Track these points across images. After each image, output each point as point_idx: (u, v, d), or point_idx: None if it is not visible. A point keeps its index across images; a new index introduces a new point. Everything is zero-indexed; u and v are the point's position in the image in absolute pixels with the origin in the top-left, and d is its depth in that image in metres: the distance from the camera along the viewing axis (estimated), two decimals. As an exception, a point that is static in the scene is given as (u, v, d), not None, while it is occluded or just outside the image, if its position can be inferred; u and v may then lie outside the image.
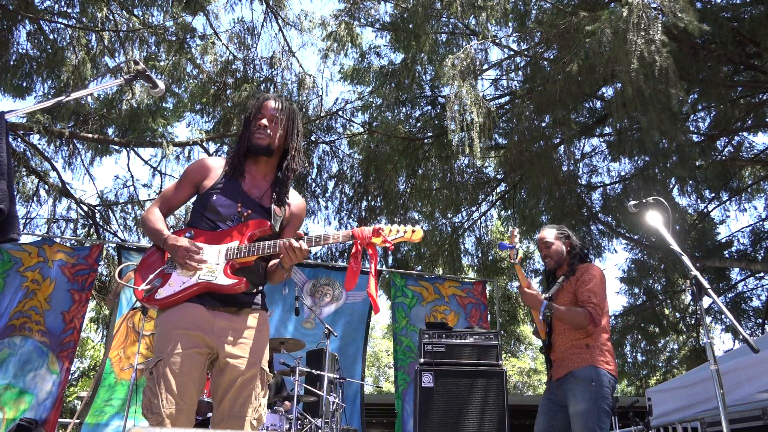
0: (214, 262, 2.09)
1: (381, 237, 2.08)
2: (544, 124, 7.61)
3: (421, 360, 4.81)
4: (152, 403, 1.93)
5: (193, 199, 2.32)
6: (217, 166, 2.29)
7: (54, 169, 8.85)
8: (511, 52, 8.08)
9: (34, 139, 8.45)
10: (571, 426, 2.88)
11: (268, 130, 2.24)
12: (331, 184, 9.30)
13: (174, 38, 8.09)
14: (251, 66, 8.57)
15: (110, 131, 8.68)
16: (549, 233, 3.26)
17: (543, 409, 3.11)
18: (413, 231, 2.14)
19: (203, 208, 2.20)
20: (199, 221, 2.20)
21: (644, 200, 2.72)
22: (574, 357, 2.96)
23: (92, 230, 9.37)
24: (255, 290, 2.21)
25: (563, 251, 3.21)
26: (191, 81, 8.50)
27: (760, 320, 10.05)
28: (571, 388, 2.92)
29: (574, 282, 3.08)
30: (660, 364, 12.28)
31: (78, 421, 5.33)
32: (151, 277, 2.11)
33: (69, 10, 7.65)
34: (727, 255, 9.66)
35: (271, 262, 2.30)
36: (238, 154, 2.27)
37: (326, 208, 9.26)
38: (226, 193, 2.20)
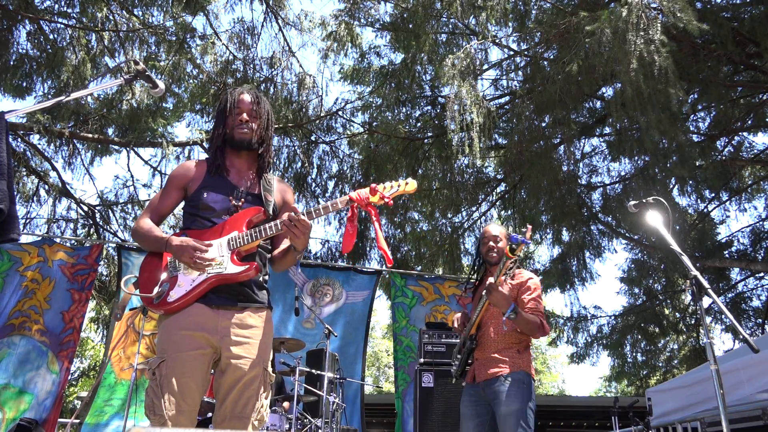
0: (218, 255, 2.09)
1: (378, 194, 2.10)
2: (544, 124, 7.61)
3: (421, 360, 4.81)
4: (154, 404, 1.93)
5: (182, 204, 2.33)
6: (198, 166, 2.31)
7: (54, 169, 8.85)
8: (511, 52, 8.09)
9: (34, 139, 8.45)
10: (502, 425, 2.89)
11: (251, 124, 2.27)
12: (331, 184, 9.31)
13: (174, 38, 8.08)
14: (251, 66, 8.57)
15: (110, 131, 8.67)
16: (499, 230, 3.31)
17: (469, 412, 3.07)
18: (407, 183, 2.18)
19: (196, 209, 2.20)
20: (192, 222, 2.20)
21: (644, 200, 2.73)
22: (509, 360, 3.01)
23: (92, 230, 9.37)
24: (262, 278, 2.22)
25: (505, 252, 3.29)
26: (191, 81, 8.49)
27: (760, 320, 10.05)
28: (505, 389, 2.93)
29: (516, 286, 3.14)
30: (660, 364, 12.28)
31: (78, 421, 5.33)
32: (162, 278, 2.10)
33: (69, 10, 7.64)
34: (727, 255, 9.66)
35: (278, 249, 2.31)
36: (217, 149, 2.29)
37: (326, 208, 9.26)
38: (216, 189, 2.22)
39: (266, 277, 2.27)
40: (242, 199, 2.23)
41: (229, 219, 2.17)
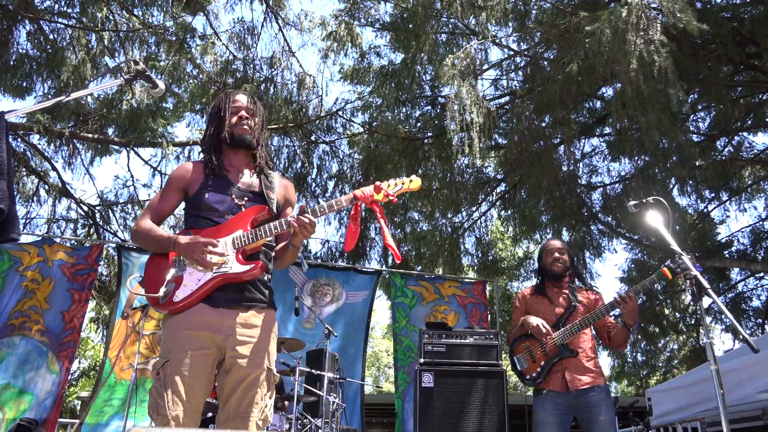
0: (224, 255, 2.09)
1: (382, 192, 2.13)
2: (544, 124, 7.61)
3: (421, 360, 4.80)
4: (158, 405, 1.91)
5: (182, 205, 2.32)
6: (196, 167, 2.29)
7: (54, 169, 8.85)
8: (511, 52, 8.08)
9: (34, 139, 8.44)
10: (601, 431, 3.04)
11: (250, 122, 2.28)
12: (331, 184, 9.31)
13: (174, 38, 8.07)
14: (251, 66, 8.57)
15: (110, 131, 8.67)
16: (562, 243, 3.58)
17: (554, 420, 3.10)
18: (411, 180, 2.23)
19: (198, 210, 2.19)
20: (195, 223, 2.18)
21: (644, 200, 2.74)
22: (599, 371, 3.21)
23: (92, 230, 9.37)
24: (267, 277, 2.22)
25: (568, 263, 3.51)
26: (191, 81, 8.49)
27: (760, 320, 10.05)
28: (603, 399, 3.11)
29: (593, 301, 3.40)
30: (660, 364, 12.28)
31: (78, 421, 5.33)
32: (168, 277, 2.08)
33: (69, 10, 7.64)
34: (727, 255, 9.65)
35: (278, 246, 2.31)
36: (214, 150, 2.28)
37: (326, 208, 9.25)
38: (217, 189, 2.20)
39: (270, 276, 2.26)
40: (245, 198, 2.22)
41: (233, 218, 2.16)
